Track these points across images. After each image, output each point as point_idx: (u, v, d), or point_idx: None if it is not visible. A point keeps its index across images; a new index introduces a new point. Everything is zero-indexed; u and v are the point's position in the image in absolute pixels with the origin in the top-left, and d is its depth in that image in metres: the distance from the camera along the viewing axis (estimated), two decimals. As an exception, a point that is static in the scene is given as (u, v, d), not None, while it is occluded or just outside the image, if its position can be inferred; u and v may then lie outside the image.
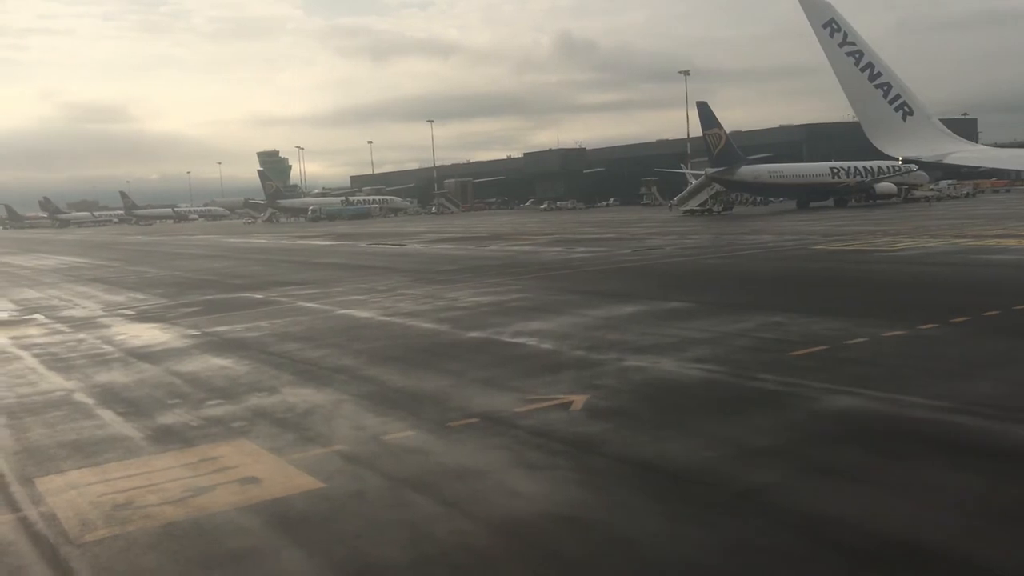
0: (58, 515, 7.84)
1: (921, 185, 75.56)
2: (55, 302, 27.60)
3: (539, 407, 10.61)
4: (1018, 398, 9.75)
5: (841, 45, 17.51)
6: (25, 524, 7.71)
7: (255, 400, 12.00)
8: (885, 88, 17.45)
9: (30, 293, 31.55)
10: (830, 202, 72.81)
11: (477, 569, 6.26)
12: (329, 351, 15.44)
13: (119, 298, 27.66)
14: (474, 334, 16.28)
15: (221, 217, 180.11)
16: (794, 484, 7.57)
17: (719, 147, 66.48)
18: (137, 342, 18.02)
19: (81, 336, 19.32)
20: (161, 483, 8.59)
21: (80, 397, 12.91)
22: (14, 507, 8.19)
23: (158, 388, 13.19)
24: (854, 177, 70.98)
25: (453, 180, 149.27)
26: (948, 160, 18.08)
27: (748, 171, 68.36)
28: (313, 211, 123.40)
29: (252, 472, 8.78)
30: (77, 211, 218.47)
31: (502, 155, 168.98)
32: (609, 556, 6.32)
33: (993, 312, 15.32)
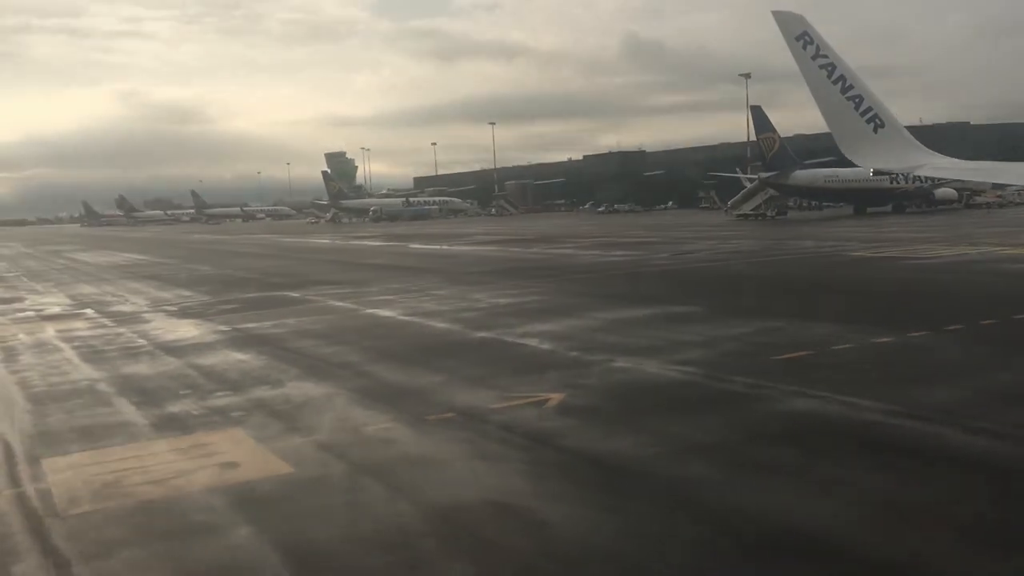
0: (52, 491, 8.66)
1: (984, 191, 74.07)
2: (108, 298, 28.93)
3: (515, 404, 11.18)
4: (970, 405, 10.03)
5: (814, 58, 17.74)
6: (21, 498, 8.54)
7: (259, 392, 12.78)
8: (856, 100, 17.66)
9: (87, 289, 33.05)
10: (888, 208, 71.82)
11: (398, 545, 6.87)
12: (341, 348, 16.20)
13: (167, 295, 28.90)
14: (481, 334, 16.91)
15: (288, 217, 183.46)
16: (718, 478, 8.04)
17: (773, 151, 66.14)
18: (169, 337, 19.02)
19: (121, 330, 20.41)
20: (151, 466, 9.38)
21: (102, 387, 13.83)
22: (16, 483, 9.04)
23: (175, 380, 14.06)
24: (912, 182, 69.89)
25: (513, 182, 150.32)
26: (919, 172, 18.19)
27: (802, 175, 67.86)
28: (374, 212, 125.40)
29: (234, 458, 9.53)
30: (152, 210, 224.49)
31: (567, 157, 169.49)
32: (520, 537, 6.89)
33: (990, 321, 15.44)
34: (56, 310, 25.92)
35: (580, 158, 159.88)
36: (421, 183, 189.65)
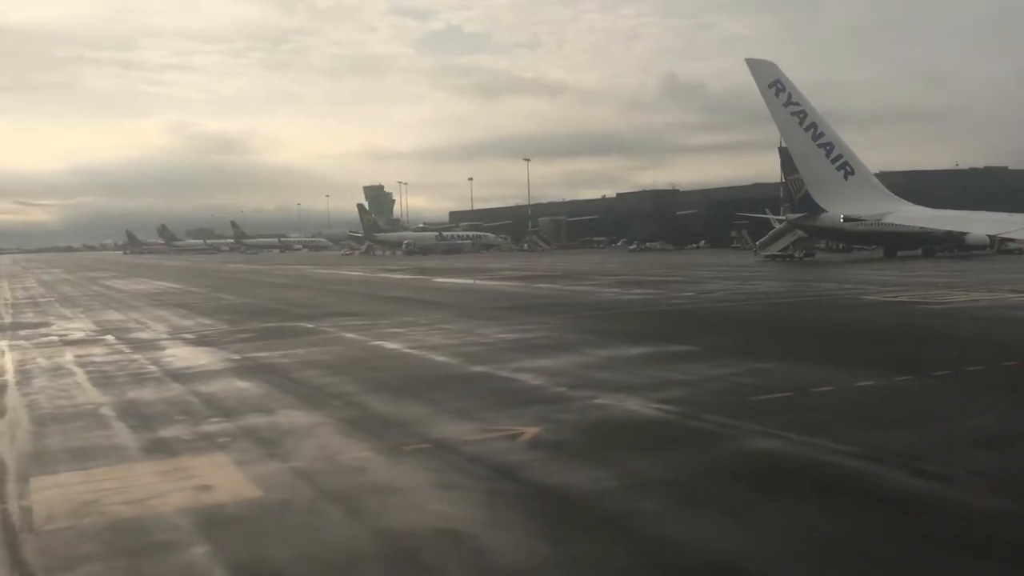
0: (33, 508, 9.12)
1: (1015, 237, 73.09)
2: (131, 324, 29.69)
3: (490, 437, 11.52)
4: (927, 448, 10.20)
5: (786, 105, 18.11)
6: (3, 513, 9.00)
7: (250, 419, 13.23)
8: (828, 148, 18.01)
9: (114, 315, 33.90)
10: (919, 252, 71.30)
11: (341, 567, 7.23)
12: (340, 378, 16.64)
13: (188, 323, 29.60)
14: (478, 368, 17.27)
15: (325, 248, 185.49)
16: (663, 512, 8.32)
17: (800, 193, 65.93)
18: (180, 364, 19.59)
19: (136, 357, 21.03)
20: (130, 486, 9.81)
21: (105, 411, 14.35)
22: (1, 500, 9.52)
23: (174, 405, 14.55)
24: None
25: (547, 218, 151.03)
26: (887, 219, 18.44)
27: (830, 218, 67.53)
28: (407, 245, 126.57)
29: (210, 481, 9.94)
30: (194, 239, 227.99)
31: (608, 193, 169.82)
32: (458, 563, 7.21)
33: (978, 367, 15.54)
34: (79, 335, 26.67)
35: (614, 195, 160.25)
36: (456, 217, 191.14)
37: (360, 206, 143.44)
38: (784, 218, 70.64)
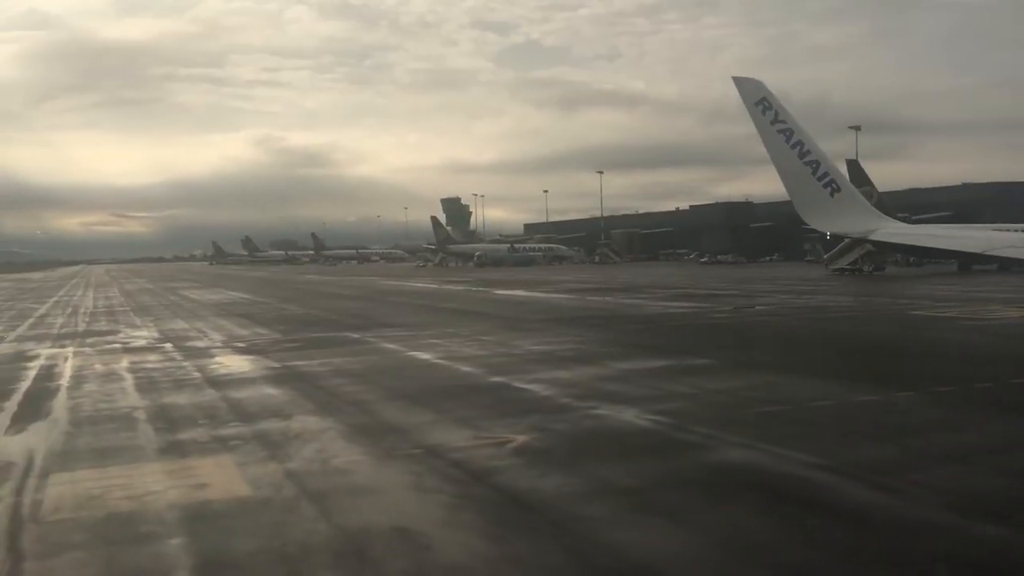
0: (44, 501, 9.98)
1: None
2: (192, 333, 31.04)
3: (480, 444, 12.07)
4: (894, 463, 10.39)
5: (772, 123, 18.24)
6: (16, 505, 9.85)
7: (266, 424, 14.01)
8: (814, 166, 18.08)
9: (180, 324, 35.39)
10: (994, 266, 69.34)
11: (294, 558, 7.86)
12: (364, 387, 17.37)
13: (245, 332, 30.83)
14: (496, 379, 17.84)
15: (401, 260, 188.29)
16: (609, 516, 8.75)
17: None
18: (222, 371, 20.60)
19: (185, 364, 22.13)
20: (135, 484, 10.61)
21: (138, 414, 15.30)
22: (19, 493, 10.37)
23: (202, 410, 15.45)
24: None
25: (620, 231, 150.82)
26: (873, 236, 18.39)
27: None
28: (479, 257, 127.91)
29: (208, 480, 10.69)
30: (277, 250, 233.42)
31: (683, 206, 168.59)
32: (399, 558, 7.77)
33: (986, 384, 15.53)
34: (141, 343, 28.05)
35: (686, 208, 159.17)
36: (531, 229, 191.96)
37: (434, 218, 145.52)
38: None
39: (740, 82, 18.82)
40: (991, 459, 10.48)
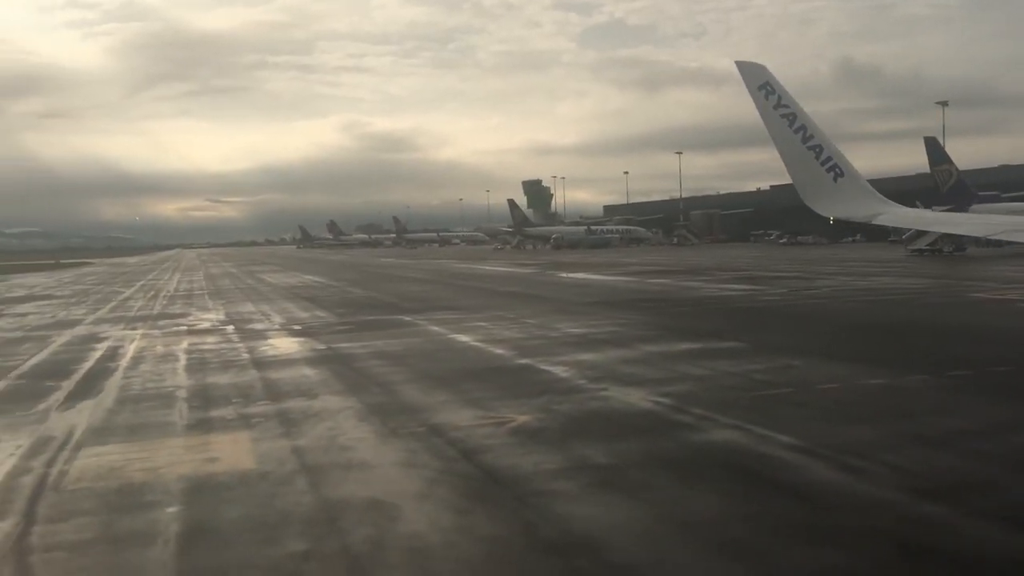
0: (69, 472, 10.90)
1: None
2: (255, 316, 32.31)
3: (482, 423, 12.63)
4: (872, 445, 10.55)
5: (776, 107, 18.11)
6: (44, 476, 10.76)
7: (292, 403, 14.81)
8: (817, 150, 17.92)
9: (247, 307, 36.78)
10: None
11: (271, 525, 8.53)
12: (395, 368, 18.08)
13: (305, 315, 31.98)
14: (523, 361, 18.36)
15: (481, 242, 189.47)
16: (573, 492, 9.20)
17: (948, 184, 63.41)
18: (270, 352, 21.59)
19: (239, 346, 23.20)
20: (155, 457, 11.47)
21: (180, 393, 16.28)
22: (50, 464, 11.30)
23: (239, 390, 16.34)
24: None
25: (699, 212, 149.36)
26: (877, 221, 18.15)
27: (981, 210, 64.33)
28: (555, 239, 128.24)
29: (220, 455, 11.49)
30: (362, 233, 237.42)
31: (763, 186, 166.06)
32: (364, 526, 8.38)
33: (1004, 368, 15.45)
34: (205, 325, 29.37)
35: (767, 188, 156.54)
36: (610, 211, 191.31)
37: (511, 201, 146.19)
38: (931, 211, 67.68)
39: (742, 67, 18.85)
40: (970, 442, 10.57)
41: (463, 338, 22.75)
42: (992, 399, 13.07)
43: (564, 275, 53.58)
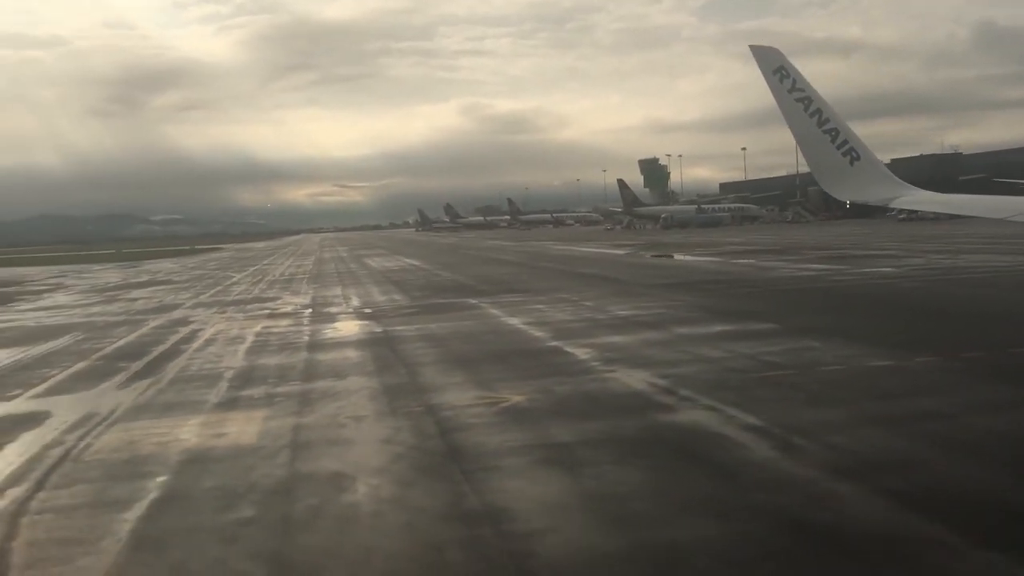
0: (93, 445, 12.13)
1: None
2: (337, 299, 33.84)
3: (476, 403, 13.35)
4: (825, 426, 10.78)
5: (791, 91, 17.93)
6: (69, 448, 11.98)
7: (318, 383, 15.84)
8: (833, 134, 17.64)
9: (334, 291, 38.42)
10: None
11: (237, 493, 9.46)
12: (431, 351, 18.95)
13: (382, 298, 33.30)
14: (553, 343, 18.96)
15: (596, 223, 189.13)
16: (516, 467, 9.83)
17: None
18: (328, 335, 22.84)
19: (305, 329, 24.54)
20: (172, 432, 12.61)
21: (227, 374, 17.51)
22: (82, 438, 12.57)
23: (281, 370, 17.50)
24: None
25: (816, 188, 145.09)
26: (894, 204, 17.72)
27: None
28: (664, 219, 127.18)
29: (228, 431, 12.55)
30: (483, 215, 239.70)
31: (895, 157, 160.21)
32: (314, 497, 9.23)
33: (1019, 349, 15.20)
34: (287, 309, 30.99)
35: (888, 161, 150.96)
36: (726, 189, 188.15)
37: (620, 181, 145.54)
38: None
39: (757, 51, 18.87)
40: (928, 424, 10.66)
41: (513, 321, 23.46)
42: (990, 382, 12.95)
43: (652, 256, 53.57)
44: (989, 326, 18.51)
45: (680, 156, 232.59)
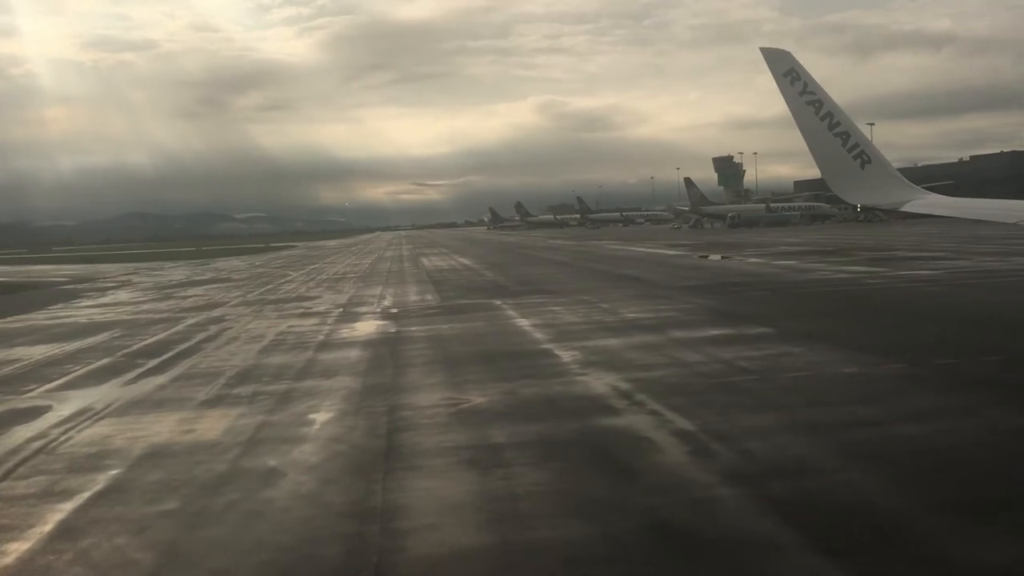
0: (73, 439, 12.89)
1: None
2: (370, 300, 34.57)
3: (440, 404, 13.81)
4: (751, 431, 10.99)
5: (801, 94, 17.80)
6: (50, 441, 12.73)
7: (307, 382, 16.46)
8: (844, 137, 17.56)
9: (373, 291, 39.17)
10: None
11: (176, 485, 10.09)
12: (429, 352, 19.47)
13: (413, 299, 33.97)
14: (546, 346, 19.31)
15: (665, 221, 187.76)
16: (436, 468, 10.26)
17: None
18: (343, 335, 23.52)
19: (323, 328, 25.23)
20: (148, 428, 13.28)
21: (231, 372, 18.21)
22: (66, 432, 13.34)
23: (280, 369, 18.15)
24: None
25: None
26: (905, 208, 17.42)
27: None
28: (731, 218, 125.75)
29: (198, 427, 13.22)
30: (557, 214, 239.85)
31: (961, 156, 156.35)
32: (243, 490, 9.82)
33: (995, 357, 15.06)
34: (321, 308, 31.82)
35: (967, 159, 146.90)
36: (800, 186, 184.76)
37: (687, 180, 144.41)
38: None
39: (768, 53, 18.89)
40: (853, 433, 10.77)
41: (523, 322, 23.86)
42: (941, 391, 12.91)
43: (698, 257, 53.31)
44: (983, 332, 18.26)
45: (755, 154, 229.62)
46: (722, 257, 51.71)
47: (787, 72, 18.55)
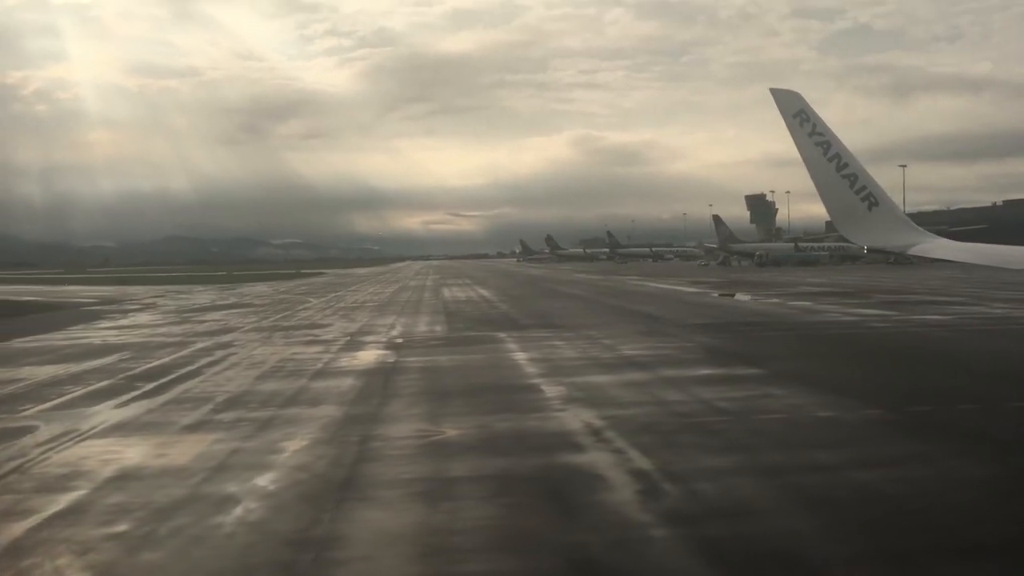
0: (51, 458, 13.17)
1: None
2: (380, 329, 34.80)
3: (411, 436, 13.97)
4: (703, 473, 11.05)
5: (810, 135, 17.92)
6: (30, 460, 13.03)
7: (290, 410, 16.66)
8: (852, 179, 17.64)
9: (385, 320, 39.43)
10: None
11: (130, 510, 10.28)
12: (421, 383, 19.64)
13: (422, 329, 34.22)
14: (534, 381, 19.43)
15: (695, 258, 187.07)
16: (387, 500, 10.42)
17: None
18: (342, 364, 23.73)
19: (325, 357, 25.45)
20: (125, 451, 13.56)
21: (221, 397, 18.43)
22: (47, 452, 13.62)
23: (269, 396, 18.36)
24: None
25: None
26: (912, 251, 17.39)
27: None
28: (759, 256, 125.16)
29: (173, 452, 13.42)
30: (589, 247, 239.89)
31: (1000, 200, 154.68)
32: (195, 516, 9.99)
33: (969, 406, 14.96)
34: (328, 336, 32.09)
35: (1000, 202, 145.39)
36: (831, 227, 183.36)
37: (715, 217, 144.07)
38: None
39: (777, 94, 19.02)
40: (805, 477, 10.81)
41: (520, 356, 23.98)
42: (906, 438, 12.88)
43: (717, 295, 53.19)
44: (969, 380, 18.12)
45: (787, 192, 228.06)
46: (735, 296, 51.50)
47: (796, 113, 18.69)
